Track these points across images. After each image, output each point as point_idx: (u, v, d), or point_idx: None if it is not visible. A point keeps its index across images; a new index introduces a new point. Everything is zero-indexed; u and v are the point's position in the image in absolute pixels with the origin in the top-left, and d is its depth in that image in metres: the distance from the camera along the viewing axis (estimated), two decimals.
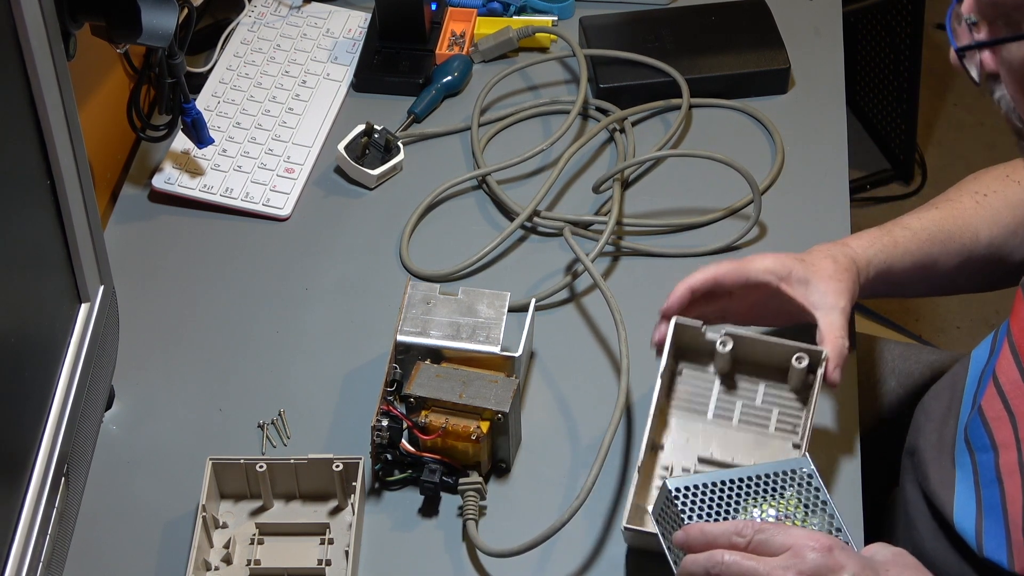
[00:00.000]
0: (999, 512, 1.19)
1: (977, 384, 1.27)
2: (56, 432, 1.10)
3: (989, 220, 1.33)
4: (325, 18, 1.70)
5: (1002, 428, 1.20)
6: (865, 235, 1.33)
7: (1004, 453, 1.19)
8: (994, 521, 1.20)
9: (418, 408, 1.26)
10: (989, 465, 1.21)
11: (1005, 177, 1.36)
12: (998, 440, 1.20)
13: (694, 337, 1.28)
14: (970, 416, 1.24)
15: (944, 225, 1.33)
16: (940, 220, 1.34)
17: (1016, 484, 1.17)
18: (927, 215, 1.34)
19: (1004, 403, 1.20)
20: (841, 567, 1.03)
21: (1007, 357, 1.20)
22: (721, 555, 1.05)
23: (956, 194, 1.36)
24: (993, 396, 1.21)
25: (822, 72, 1.65)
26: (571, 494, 1.27)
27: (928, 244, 1.32)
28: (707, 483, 1.12)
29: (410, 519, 1.27)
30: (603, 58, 1.62)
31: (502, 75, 1.62)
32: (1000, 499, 1.19)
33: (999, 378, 1.21)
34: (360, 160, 1.53)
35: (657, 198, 1.52)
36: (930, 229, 1.33)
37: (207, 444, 1.31)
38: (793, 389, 1.27)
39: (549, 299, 1.42)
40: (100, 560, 1.25)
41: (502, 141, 1.59)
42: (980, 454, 1.22)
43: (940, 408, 1.33)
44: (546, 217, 1.48)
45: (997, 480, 1.19)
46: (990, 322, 2.45)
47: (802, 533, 1.05)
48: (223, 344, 1.41)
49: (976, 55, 1.07)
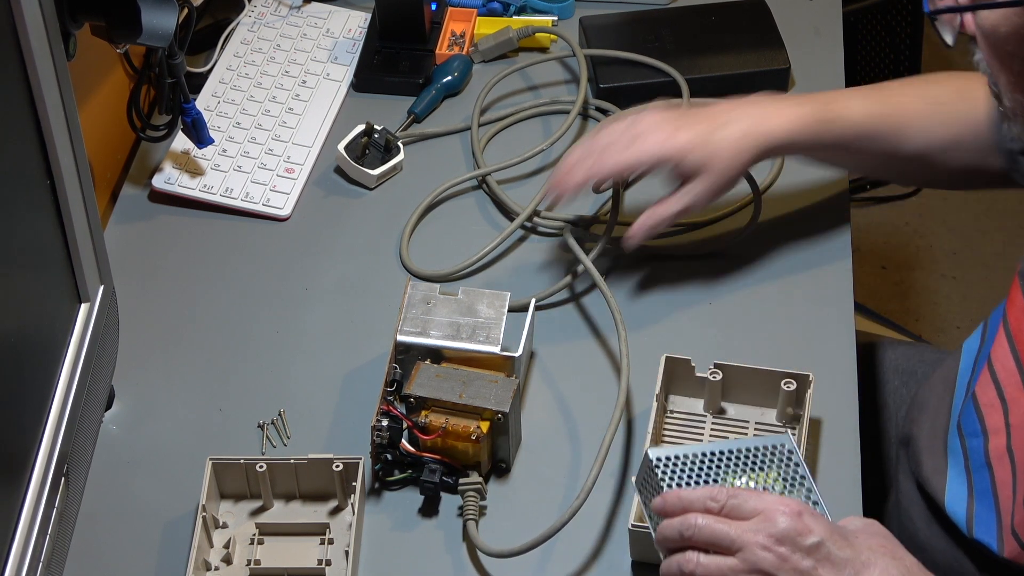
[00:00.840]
0: (990, 497, 1.20)
1: (971, 372, 1.27)
2: (56, 432, 1.10)
3: (938, 125, 1.33)
4: (325, 18, 1.70)
5: (993, 414, 1.20)
6: (796, 111, 1.32)
7: (994, 438, 1.20)
8: (985, 506, 1.20)
9: (418, 408, 1.26)
10: (979, 450, 1.21)
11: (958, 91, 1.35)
12: (989, 426, 1.20)
13: (684, 370, 1.31)
14: (964, 403, 1.25)
15: (880, 126, 1.33)
16: (880, 118, 1.33)
17: (1005, 468, 1.18)
18: (870, 109, 1.33)
19: (997, 390, 1.20)
20: (810, 531, 1.03)
21: (1003, 344, 1.21)
22: (695, 518, 1.06)
23: (904, 93, 1.35)
24: (987, 382, 1.22)
25: (822, 72, 1.65)
26: (571, 494, 1.27)
27: (855, 139, 1.32)
28: (688, 454, 1.13)
29: (410, 519, 1.27)
30: (603, 58, 1.62)
31: (502, 75, 1.62)
32: (991, 484, 1.20)
33: (994, 364, 1.21)
34: (360, 160, 1.53)
35: (657, 198, 1.51)
36: (865, 126, 1.33)
37: (207, 444, 1.31)
38: (783, 412, 1.30)
39: (549, 299, 1.42)
40: (100, 560, 1.25)
41: (502, 141, 1.59)
42: (971, 439, 1.23)
43: (933, 399, 1.33)
44: (546, 217, 1.48)
45: (987, 465, 1.20)
46: None
47: (773, 498, 1.06)
48: (223, 344, 1.41)
49: (956, 17, 1.06)
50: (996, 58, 1.04)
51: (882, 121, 1.33)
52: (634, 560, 1.23)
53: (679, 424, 1.31)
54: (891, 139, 1.33)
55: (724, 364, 1.29)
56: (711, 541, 1.05)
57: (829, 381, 1.34)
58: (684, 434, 1.30)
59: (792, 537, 1.03)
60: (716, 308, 1.42)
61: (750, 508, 1.06)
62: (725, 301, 1.42)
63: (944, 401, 1.30)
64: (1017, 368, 1.18)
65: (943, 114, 1.32)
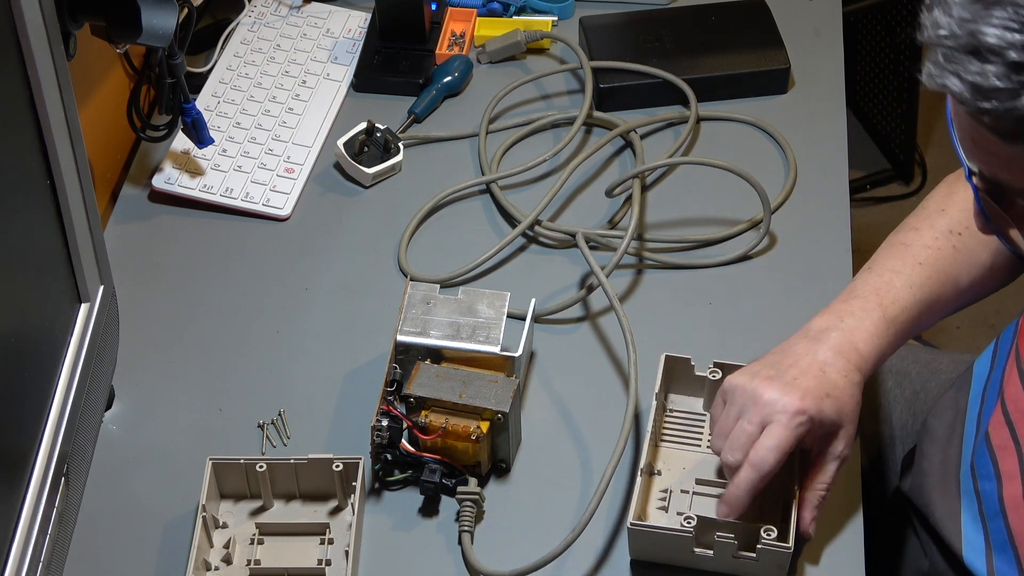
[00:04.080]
0: (1008, 549, 1.17)
1: (980, 402, 1.25)
2: (56, 432, 1.10)
3: (968, 264, 1.29)
4: (325, 18, 1.70)
5: (1007, 458, 1.18)
6: (868, 330, 1.23)
7: (1008, 484, 1.17)
8: (1006, 561, 1.18)
9: (418, 408, 1.26)
10: (992, 495, 1.19)
11: (968, 205, 1.30)
12: (1003, 470, 1.18)
13: (684, 370, 1.30)
14: (976, 441, 1.23)
15: (934, 288, 1.28)
16: (930, 282, 1.27)
17: (1023, 518, 1.16)
18: (917, 279, 1.27)
19: (1011, 430, 1.18)
20: None
21: (1014, 381, 1.18)
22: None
23: (932, 237, 1.30)
24: (1000, 423, 1.19)
25: (822, 72, 1.65)
26: (571, 494, 1.27)
27: (923, 314, 1.27)
28: None
29: (410, 519, 1.27)
30: (603, 60, 1.62)
31: (513, 86, 1.61)
32: (1007, 534, 1.17)
33: (1007, 404, 1.19)
34: (357, 158, 1.53)
35: (662, 209, 1.51)
36: (923, 300, 1.27)
37: (207, 444, 1.31)
38: None
39: (554, 303, 1.42)
40: (100, 560, 1.25)
41: (506, 148, 1.58)
42: (983, 482, 1.20)
43: (943, 428, 1.31)
44: (547, 227, 1.48)
45: (1002, 513, 1.18)
46: (989, 322, 2.44)
47: None
48: (223, 344, 1.41)
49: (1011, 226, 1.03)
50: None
51: (933, 283, 1.28)
52: (633, 559, 1.23)
53: (678, 423, 1.31)
54: (949, 288, 1.29)
55: (724, 364, 1.29)
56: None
57: None
58: (683, 433, 1.30)
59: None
60: (716, 308, 1.42)
61: None
62: (725, 301, 1.42)
63: (956, 431, 1.28)
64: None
65: (966, 238, 1.30)
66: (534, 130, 1.59)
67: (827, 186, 1.53)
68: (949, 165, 1.25)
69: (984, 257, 1.29)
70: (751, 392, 1.18)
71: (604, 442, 1.31)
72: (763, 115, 1.60)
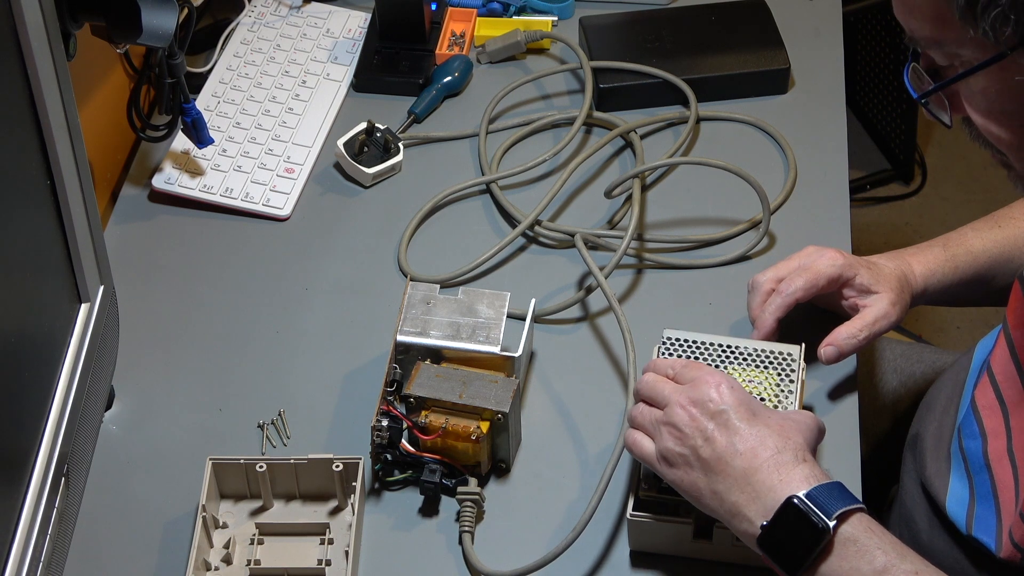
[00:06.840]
0: (991, 499, 1.20)
1: (977, 375, 1.27)
2: (56, 432, 1.10)
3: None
4: (325, 18, 1.70)
5: (992, 417, 1.21)
6: (925, 255, 1.35)
7: (993, 441, 1.20)
8: (986, 508, 1.21)
9: (418, 408, 1.26)
10: (978, 452, 1.22)
11: None
12: (988, 429, 1.21)
13: None
14: (966, 409, 1.25)
15: (1005, 247, 1.35)
16: (1002, 241, 1.35)
17: (1006, 469, 1.18)
18: (990, 235, 1.36)
19: (996, 393, 1.21)
20: (721, 400, 1.14)
21: (1002, 347, 1.21)
22: (647, 375, 1.20)
23: (1015, 216, 1.37)
24: (986, 385, 1.22)
25: (822, 72, 1.65)
26: (571, 495, 1.27)
27: (985, 268, 1.35)
28: (699, 341, 1.26)
29: (410, 519, 1.27)
30: (603, 60, 1.62)
31: (513, 86, 1.61)
32: (991, 485, 1.20)
33: (993, 368, 1.22)
34: (357, 158, 1.53)
35: (662, 209, 1.51)
36: (991, 251, 1.35)
37: (207, 444, 1.32)
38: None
39: (553, 304, 1.42)
40: (100, 560, 1.25)
41: (506, 148, 1.58)
42: (968, 441, 1.23)
43: (942, 399, 1.34)
44: (547, 228, 1.48)
45: (987, 467, 1.21)
46: (989, 322, 2.44)
47: (711, 372, 1.16)
48: (223, 344, 1.41)
49: (943, 101, 1.06)
50: (994, 122, 1.02)
51: (1004, 244, 1.36)
52: (633, 550, 1.23)
53: None
54: (1016, 259, 1.35)
55: None
56: (649, 396, 1.18)
57: (829, 380, 1.34)
58: None
59: (704, 402, 1.14)
60: (716, 308, 1.42)
61: (690, 377, 1.17)
62: (725, 301, 1.42)
63: (952, 402, 1.31)
64: (1017, 371, 1.18)
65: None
66: (534, 130, 1.59)
67: (827, 186, 1.53)
68: (949, 165, 1.25)
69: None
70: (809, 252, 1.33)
71: (604, 442, 1.31)
72: (763, 115, 1.60)
